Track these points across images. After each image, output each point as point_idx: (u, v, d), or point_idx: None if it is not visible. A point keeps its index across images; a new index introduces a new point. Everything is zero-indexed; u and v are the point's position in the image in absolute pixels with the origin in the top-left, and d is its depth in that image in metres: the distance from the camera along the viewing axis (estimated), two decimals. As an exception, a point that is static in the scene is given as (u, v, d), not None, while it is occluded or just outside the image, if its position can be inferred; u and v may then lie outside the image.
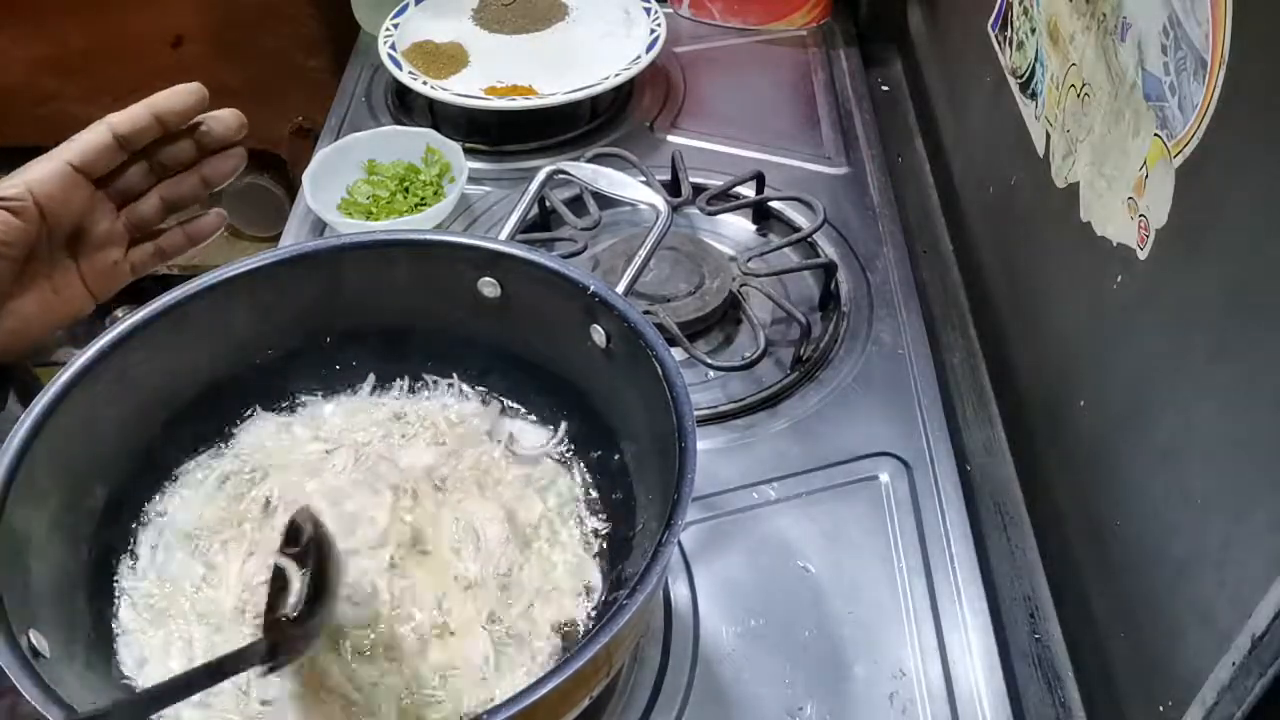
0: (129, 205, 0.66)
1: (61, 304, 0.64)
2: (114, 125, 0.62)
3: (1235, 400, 0.50)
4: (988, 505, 0.78)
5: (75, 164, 0.61)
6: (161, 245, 0.68)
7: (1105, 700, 0.63)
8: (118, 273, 0.66)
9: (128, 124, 0.62)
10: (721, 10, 1.24)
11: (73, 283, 0.64)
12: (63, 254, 0.63)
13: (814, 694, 0.63)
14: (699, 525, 0.71)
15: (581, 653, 0.45)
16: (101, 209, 0.64)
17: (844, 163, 1.04)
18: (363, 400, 0.69)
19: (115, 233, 0.65)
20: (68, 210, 0.62)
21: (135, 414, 0.60)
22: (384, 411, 0.69)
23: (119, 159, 0.63)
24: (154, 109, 0.63)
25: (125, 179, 0.65)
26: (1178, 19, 0.54)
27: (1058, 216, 0.71)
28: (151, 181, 0.66)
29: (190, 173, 0.67)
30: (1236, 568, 0.48)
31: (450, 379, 0.69)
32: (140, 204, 0.66)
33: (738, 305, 0.85)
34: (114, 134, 0.62)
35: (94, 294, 0.65)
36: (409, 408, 0.69)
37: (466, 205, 0.99)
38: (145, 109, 0.63)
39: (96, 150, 0.62)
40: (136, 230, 0.66)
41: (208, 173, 0.67)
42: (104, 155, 0.62)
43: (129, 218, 0.66)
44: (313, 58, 1.44)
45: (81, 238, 0.64)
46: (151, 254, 0.68)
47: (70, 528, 0.55)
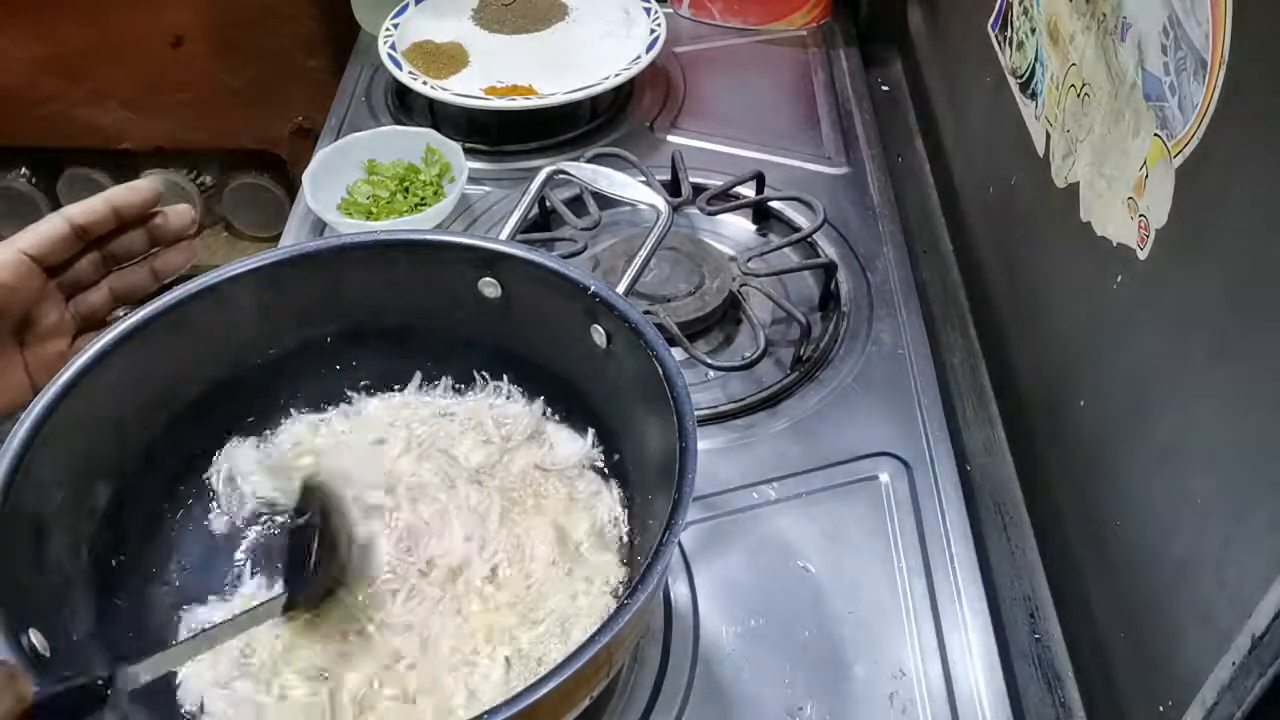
0: (78, 295, 0.66)
1: (1, 393, 0.63)
2: (71, 217, 0.62)
3: (1235, 400, 0.50)
4: (988, 505, 0.78)
5: (31, 253, 0.61)
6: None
7: (1105, 700, 0.63)
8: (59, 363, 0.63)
9: (85, 215, 0.63)
10: (721, 10, 1.24)
11: (16, 372, 0.64)
12: (9, 341, 0.63)
13: (814, 694, 0.63)
14: (699, 525, 0.71)
15: (581, 653, 0.45)
16: (52, 299, 0.64)
17: (844, 163, 1.04)
18: (409, 396, 0.70)
19: (63, 324, 0.65)
20: (19, 299, 0.62)
21: (136, 413, 0.60)
22: (430, 408, 0.69)
23: (74, 249, 0.63)
24: (112, 202, 0.63)
25: (76, 269, 0.65)
26: (1178, 19, 0.54)
27: (1058, 216, 0.71)
28: (102, 273, 0.66)
29: (141, 265, 0.67)
30: (1236, 568, 0.48)
31: (500, 380, 0.70)
32: (90, 294, 0.66)
33: (738, 305, 0.85)
34: (71, 225, 0.62)
35: (34, 383, 0.65)
36: (456, 406, 0.69)
37: (466, 205, 0.99)
38: (103, 202, 0.63)
39: (53, 240, 0.62)
40: (83, 321, 0.66)
41: (159, 265, 0.68)
42: (60, 245, 0.62)
43: (77, 308, 0.66)
44: (313, 58, 1.44)
45: (30, 327, 0.64)
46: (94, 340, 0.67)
47: (71, 528, 0.55)
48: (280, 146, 1.52)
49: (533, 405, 0.69)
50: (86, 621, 0.55)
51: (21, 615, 0.48)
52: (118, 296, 0.67)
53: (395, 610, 0.59)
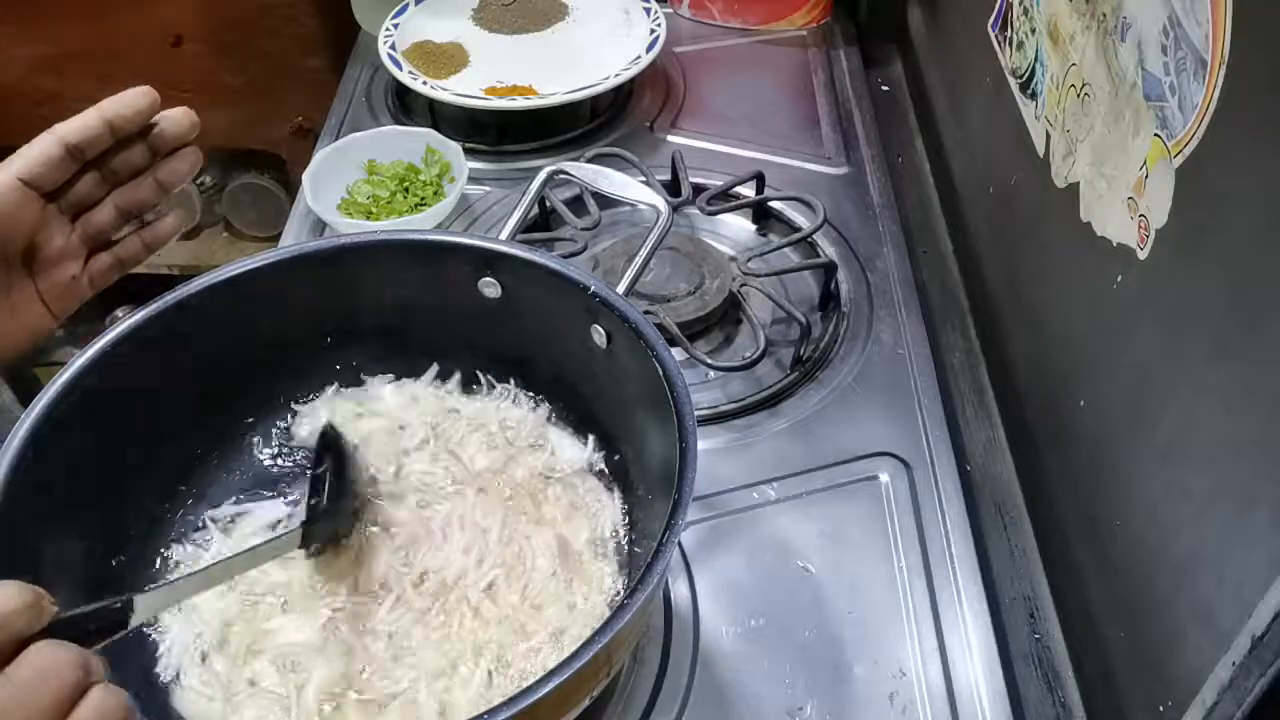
0: (83, 216, 0.63)
1: (19, 325, 0.61)
2: (63, 135, 0.59)
3: (1235, 400, 0.50)
4: (988, 505, 0.78)
5: (25, 179, 0.58)
6: (119, 255, 0.65)
7: (1105, 700, 0.63)
8: (76, 288, 0.63)
9: (78, 133, 0.59)
10: (721, 10, 1.24)
11: (30, 301, 0.61)
12: (18, 272, 0.60)
13: (814, 694, 0.63)
14: (699, 525, 0.71)
15: (581, 653, 0.45)
16: (55, 223, 0.61)
17: (844, 163, 1.04)
18: (420, 388, 0.71)
19: (71, 247, 0.62)
20: (19, 228, 0.59)
21: (135, 414, 0.60)
22: (439, 404, 0.70)
23: (70, 170, 0.60)
24: (105, 115, 0.59)
25: (78, 190, 0.61)
26: (1178, 19, 0.54)
27: (1058, 216, 0.71)
28: (105, 190, 0.63)
29: (144, 178, 0.63)
30: (1236, 568, 0.48)
31: (506, 383, 0.70)
32: (95, 214, 0.63)
33: (738, 305, 0.85)
34: (64, 145, 0.59)
35: (54, 312, 0.63)
36: (463, 405, 0.70)
37: (466, 205, 0.99)
38: (96, 115, 0.59)
39: (46, 163, 0.59)
40: (92, 242, 0.63)
41: (163, 176, 0.63)
42: (54, 168, 0.59)
43: (84, 229, 0.63)
44: (313, 58, 1.44)
45: (35, 254, 0.61)
46: (109, 265, 0.65)
47: (71, 527, 0.55)
48: (280, 146, 1.52)
49: (537, 410, 0.69)
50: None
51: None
52: (124, 213, 0.64)
53: (380, 616, 0.58)
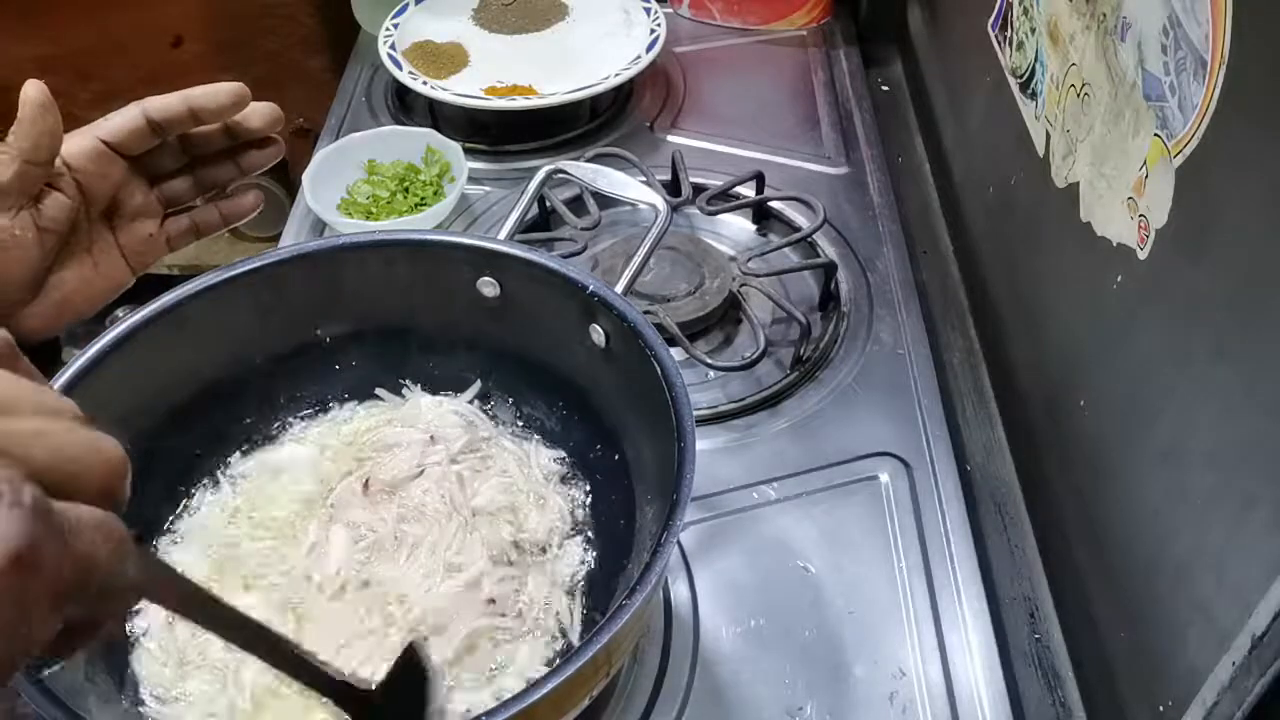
0: (162, 183, 0.66)
1: (101, 277, 0.64)
2: (148, 109, 0.62)
3: (1235, 400, 0.50)
4: (988, 505, 0.78)
5: (108, 140, 0.61)
6: (196, 221, 0.68)
7: (1105, 700, 0.63)
8: (154, 245, 0.66)
9: (161, 111, 0.62)
10: (721, 10, 1.24)
11: (111, 255, 0.65)
12: (100, 227, 0.64)
13: (814, 694, 0.63)
14: (699, 525, 0.71)
15: (581, 653, 0.45)
16: (135, 183, 0.64)
17: (844, 163, 1.04)
18: (459, 404, 0.70)
19: (149, 206, 0.65)
20: (103, 184, 0.62)
21: (135, 414, 0.60)
22: (462, 429, 0.69)
23: (150, 143, 0.63)
24: (190, 102, 0.62)
25: (156, 161, 0.65)
26: (1178, 19, 0.54)
27: (1058, 216, 0.71)
28: (184, 163, 0.66)
29: (225, 162, 0.67)
30: (1236, 568, 0.48)
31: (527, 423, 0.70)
32: (174, 181, 0.66)
33: (738, 305, 0.85)
34: (147, 117, 0.62)
35: (132, 266, 0.66)
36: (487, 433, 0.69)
37: (466, 205, 0.99)
38: (181, 100, 0.62)
39: (129, 130, 0.62)
40: (168, 203, 0.66)
41: (244, 162, 0.67)
42: (136, 136, 0.62)
43: (162, 192, 0.66)
44: (313, 58, 1.44)
45: (117, 210, 0.64)
46: (186, 228, 0.68)
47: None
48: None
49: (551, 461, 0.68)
50: (86, 621, 0.55)
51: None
52: (201, 186, 0.67)
53: (322, 607, 0.59)
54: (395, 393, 0.70)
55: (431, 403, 0.69)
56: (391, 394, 0.70)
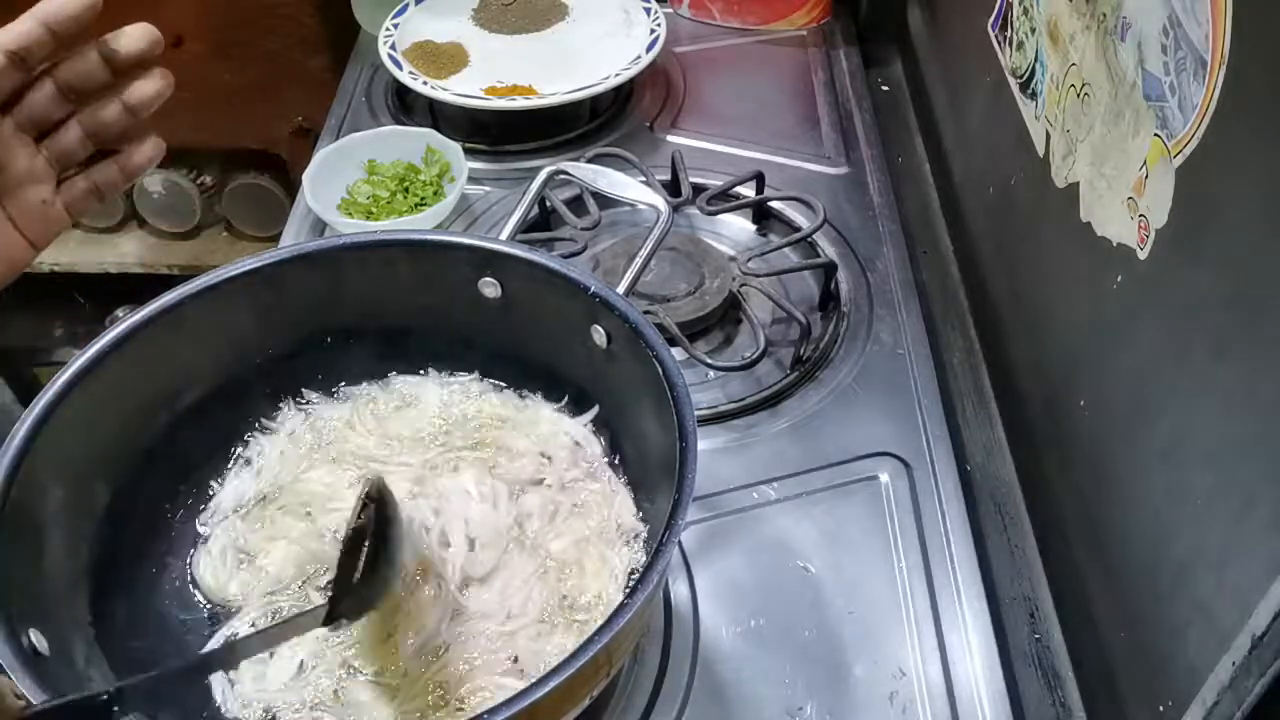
0: (48, 138, 0.60)
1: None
2: (2, 41, 0.55)
3: (1235, 400, 0.50)
4: (988, 505, 0.78)
5: None
6: (95, 180, 0.62)
7: (1105, 700, 0.63)
8: (51, 214, 0.60)
9: (16, 38, 0.56)
10: (721, 10, 1.24)
11: (4, 230, 0.59)
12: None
13: (814, 694, 0.63)
14: (699, 525, 0.71)
15: (581, 653, 0.45)
16: (15, 142, 0.58)
17: (844, 163, 1.04)
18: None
19: (37, 168, 0.59)
20: None
21: (136, 413, 0.60)
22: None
23: (15, 80, 0.57)
24: (41, 18, 0.56)
25: (34, 105, 0.58)
26: (1178, 19, 0.54)
27: (1058, 216, 0.71)
28: (67, 110, 0.59)
29: (109, 99, 0.59)
30: (1236, 568, 0.48)
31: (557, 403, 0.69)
32: (60, 135, 0.60)
33: (738, 305, 0.85)
34: (4, 51, 0.55)
35: (31, 241, 0.60)
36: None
37: (466, 205, 0.99)
38: (31, 19, 0.56)
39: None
40: (60, 164, 0.60)
41: (129, 97, 0.60)
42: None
43: (50, 150, 0.60)
44: (313, 58, 1.44)
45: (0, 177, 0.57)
46: (85, 190, 0.62)
47: (71, 527, 0.55)
48: (280, 146, 1.51)
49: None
50: (86, 621, 0.55)
51: (21, 615, 0.48)
52: (92, 134, 0.60)
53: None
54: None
55: (550, 415, 0.68)
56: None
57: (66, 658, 0.50)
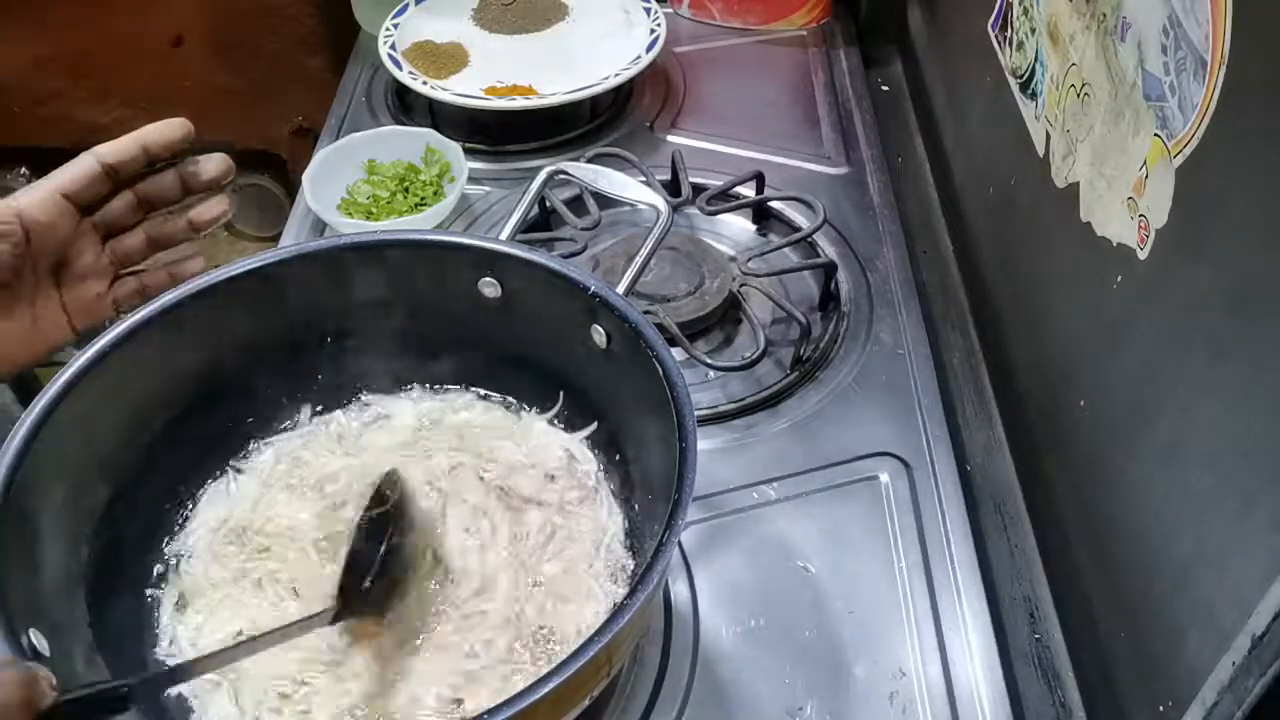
0: (114, 239, 0.67)
1: (40, 334, 0.64)
2: (101, 155, 0.63)
3: (1235, 400, 0.50)
4: (988, 505, 0.78)
5: (64, 191, 0.62)
6: (146, 282, 0.69)
7: (1105, 700, 0.63)
8: (99, 306, 0.67)
9: (115, 154, 0.64)
10: (721, 10, 1.24)
11: (54, 312, 0.65)
12: (46, 282, 0.64)
13: (814, 694, 0.63)
14: (699, 525, 0.71)
15: (581, 653, 0.45)
16: (86, 239, 0.65)
17: (844, 163, 1.04)
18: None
19: (99, 265, 0.66)
20: (54, 237, 0.63)
21: (136, 413, 0.60)
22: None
23: (105, 188, 0.64)
24: (142, 140, 0.64)
25: (110, 212, 0.66)
26: (1178, 19, 0.54)
27: (1058, 216, 0.71)
28: (137, 218, 0.67)
29: (176, 214, 0.68)
30: (1236, 568, 0.48)
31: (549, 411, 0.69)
32: (126, 239, 0.67)
33: (738, 305, 0.85)
34: (101, 164, 0.63)
35: (74, 326, 0.66)
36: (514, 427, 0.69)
37: (466, 205, 0.99)
38: (133, 140, 0.64)
39: (84, 179, 0.63)
40: (120, 265, 0.67)
41: (194, 216, 0.68)
42: (91, 184, 0.63)
43: (114, 251, 0.67)
44: (313, 58, 1.44)
45: (65, 267, 0.65)
46: (134, 290, 0.69)
47: (72, 528, 0.55)
48: (280, 146, 1.52)
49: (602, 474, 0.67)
50: (86, 621, 0.55)
51: (21, 615, 0.48)
52: (154, 242, 0.68)
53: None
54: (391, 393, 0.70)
55: (544, 429, 0.68)
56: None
57: (66, 658, 0.50)
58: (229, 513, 0.64)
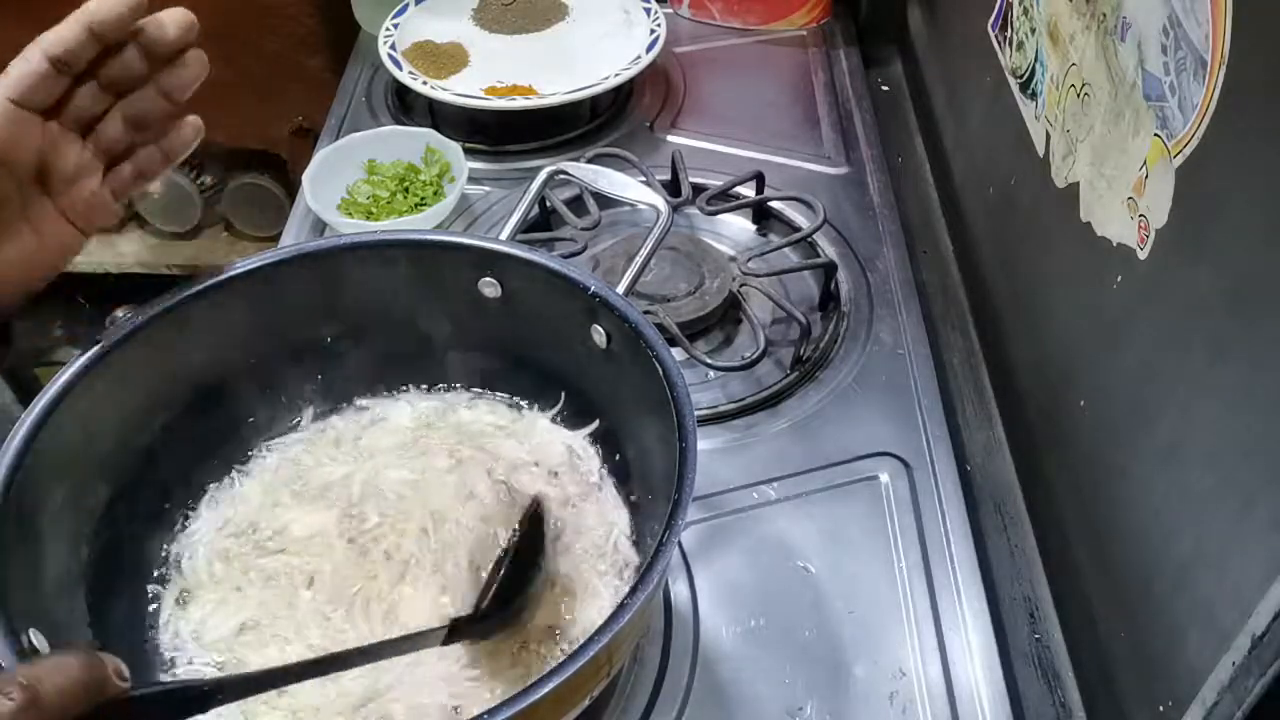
0: (93, 133, 0.60)
1: (48, 245, 0.59)
2: (46, 47, 0.56)
3: (1235, 400, 0.50)
4: (988, 505, 0.78)
5: (14, 99, 0.56)
6: (139, 165, 0.63)
7: (1105, 700, 0.63)
8: (99, 202, 0.61)
9: (60, 44, 0.56)
10: (721, 10, 1.24)
11: (55, 221, 0.60)
12: (34, 194, 0.59)
13: (814, 694, 0.63)
14: (699, 525, 0.71)
15: (581, 653, 0.45)
16: (63, 141, 0.59)
17: (844, 163, 1.04)
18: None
19: (85, 162, 0.60)
20: (23, 149, 0.57)
21: (136, 413, 0.60)
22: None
23: (61, 85, 0.57)
24: (83, 21, 0.56)
25: (78, 104, 0.59)
26: (1178, 19, 0.54)
27: (1058, 216, 0.71)
28: (108, 102, 0.60)
29: (147, 87, 0.60)
30: (1236, 568, 0.48)
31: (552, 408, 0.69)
32: (104, 128, 0.60)
33: (738, 305, 0.85)
34: (48, 58, 0.56)
35: (81, 229, 0.61)
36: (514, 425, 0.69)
37: (466, 205, 0.99)
38: (75, 23, 0.56)
39: (33, 79, 0.56)
40: (106, 155, 0.61)
41: (166, 84, 0.60)
42: (43, 84, 0.57)
43: (95, 143, 0.60)
44: (313, 58, 1.44)
45: (50, 174, 0.59)
46: (130, 175, 0.62)
47: (72, 528, 0.55)
48: (280, 146, 1.51)
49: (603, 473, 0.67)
50: (86, 621, 0.55)
51: (21, 615, 0.48)
52: (134, 122, 0.61)
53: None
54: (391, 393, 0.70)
55: (546, 427, 0.68)
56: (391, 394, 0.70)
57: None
58: (233, 512, 0.64)
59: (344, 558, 0.62)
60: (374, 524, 0.63)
